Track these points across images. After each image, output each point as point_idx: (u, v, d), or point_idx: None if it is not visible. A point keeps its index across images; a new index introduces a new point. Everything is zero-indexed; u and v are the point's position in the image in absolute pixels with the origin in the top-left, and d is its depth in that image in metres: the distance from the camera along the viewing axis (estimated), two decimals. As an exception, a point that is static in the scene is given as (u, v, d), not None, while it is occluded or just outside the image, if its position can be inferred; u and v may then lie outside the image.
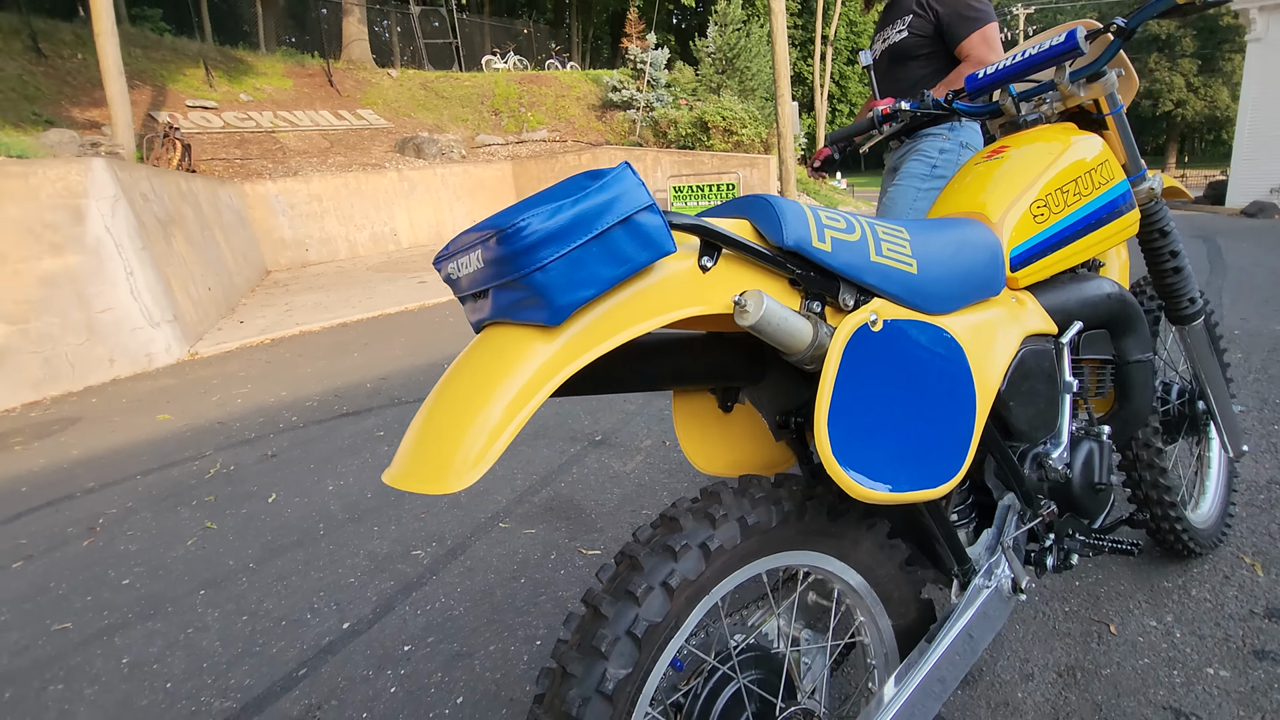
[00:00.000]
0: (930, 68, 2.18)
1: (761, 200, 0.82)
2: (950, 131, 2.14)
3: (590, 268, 0.62)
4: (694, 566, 0.77)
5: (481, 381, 0.63)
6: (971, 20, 2.07)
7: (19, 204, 4.86)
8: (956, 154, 2.15)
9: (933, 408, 0.89)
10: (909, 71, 2.20)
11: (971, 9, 2.08)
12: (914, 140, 2.19)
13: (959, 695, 1.39)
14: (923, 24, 2.15)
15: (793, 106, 13.08)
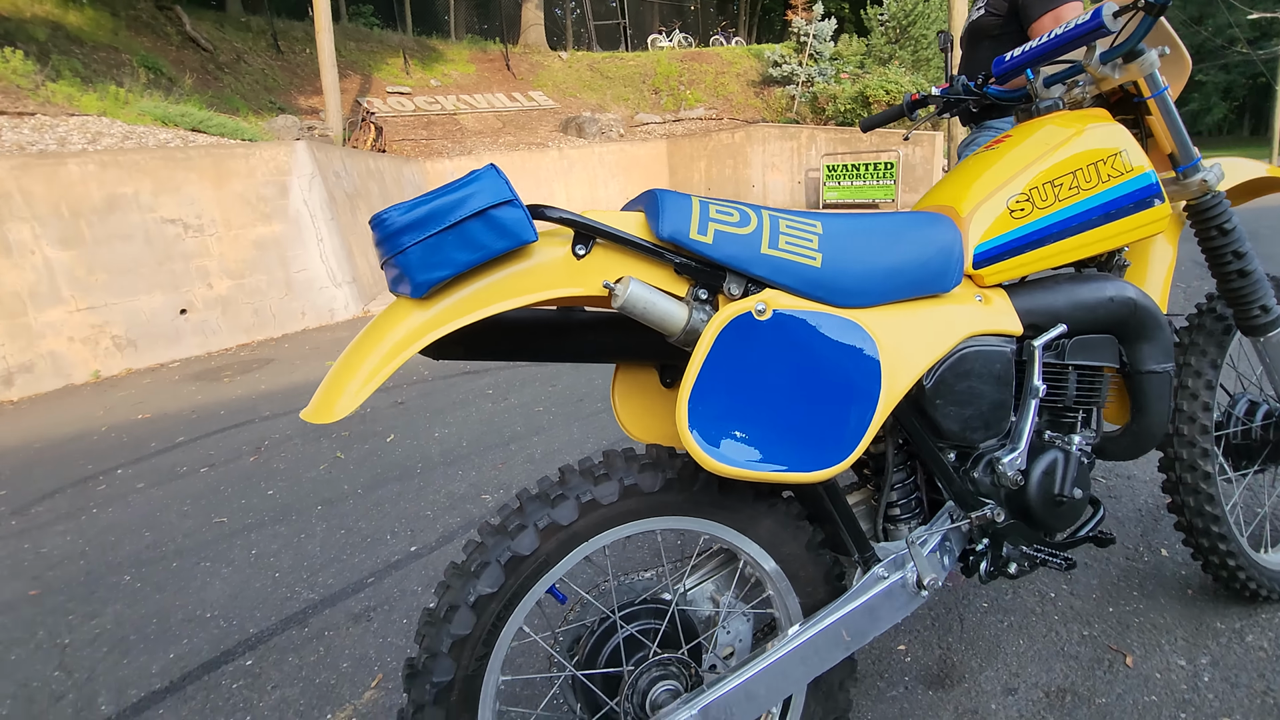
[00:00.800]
0: (1004, 48, 2.00)
1: (653, 195, 0.91)
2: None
3: (445, 252, 0.76)
4: (566, 515, 0.90)
5: (366, 340, 0.79)
6: (1045, 2, 1.91)
7: (241, 180, 5.87)
8: None
9: (821, 397, 0.93)
10: (983, 51, 2.06)
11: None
12: (977, 131, 2.05)
13: (928, 695, 1.37)
14: (999, 2, 2.01)
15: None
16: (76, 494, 2.95)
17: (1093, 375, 1.17)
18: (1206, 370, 1.37)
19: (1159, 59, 1.19)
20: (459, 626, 0.85)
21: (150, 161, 5.41)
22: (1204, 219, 1.27)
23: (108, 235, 5.22)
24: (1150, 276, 1.28)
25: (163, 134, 6.53)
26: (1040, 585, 1.66)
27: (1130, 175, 1.14)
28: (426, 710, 0.84)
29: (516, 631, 0.91)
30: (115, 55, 10.35)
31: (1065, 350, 1.15)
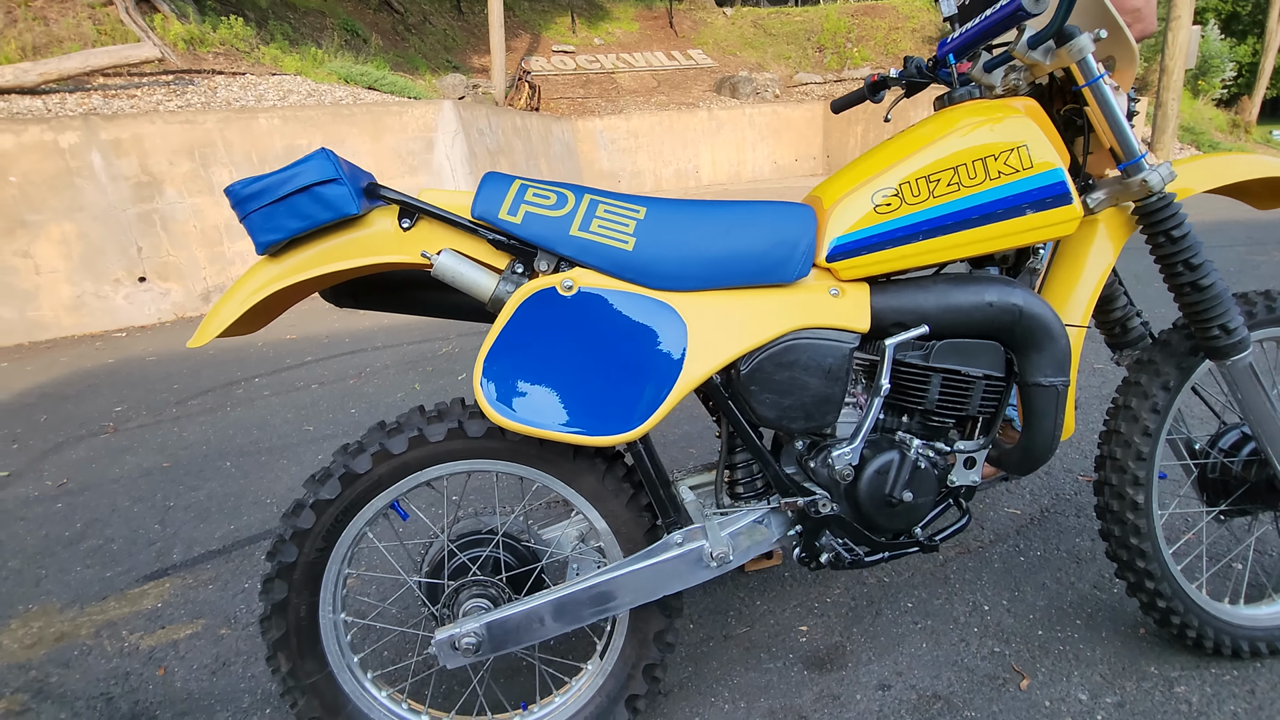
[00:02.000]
0: None
1: (485, 176, 1.03)
2: None
3: (278, 219, 0.94)
4: (397, 446, 1.06)
5: (232, 288, 1.00)
6: None
7: (394, 135, 6.56)
8: None
9: (618, 369, 1.01)
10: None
11: None
12: None
13: (802, 673, 1.41)
14: None
15: (1192, 31, 10.16)
16: (221, 394, 3.63)
17: (963, 381, 1.12)
18: (1156, 392, 1.23)
19: (1093, 44, 1.08)
20: (302, 521, 1.06)
21: (321, 117, 6.21)
22: (1150, 224, 1.15)
23: (285, 181, 6.11)
24: (1078, 283, 1.18)
25: (340, 91, 7.42)
26: (976, 596, 1.60)
27: (1030, 173, 1.07)
28: (274, 582, 1.07)
29: (360, 534, 1.11)
30: (321, 19, 11.72)
31: (932, 353, 1.11)
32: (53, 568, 2.06)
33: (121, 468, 2.77)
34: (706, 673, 1.44)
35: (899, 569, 1.73)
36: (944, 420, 1.14)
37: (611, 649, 1.20)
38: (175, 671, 1.57)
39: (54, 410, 3.62)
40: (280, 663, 1.09)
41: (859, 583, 1.69)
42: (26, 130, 5.17)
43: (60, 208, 5.32)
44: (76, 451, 3.00)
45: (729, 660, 1.47)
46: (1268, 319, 1.24)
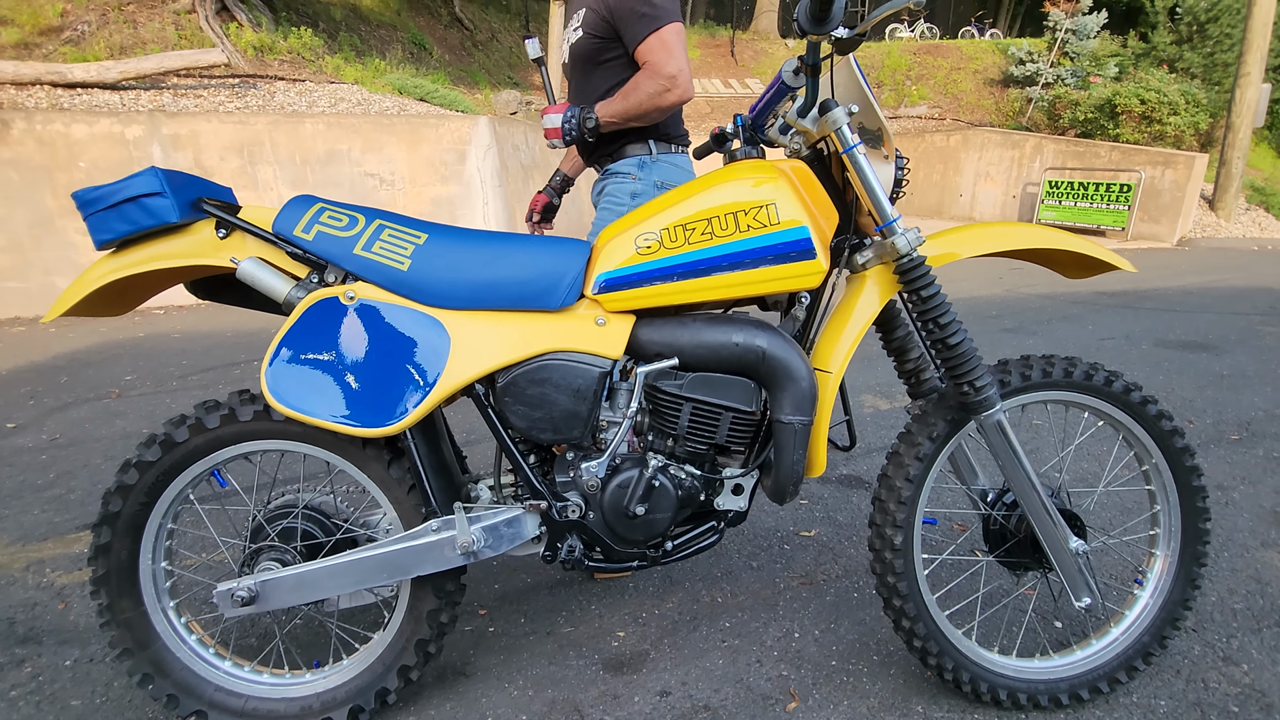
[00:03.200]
0: (619, 74, 1.81)
1: (293, 199, 1.20)
2: (641, 170, 1.87)
3: (110, 223, 1.14)
4: (211, 421, 1.23)
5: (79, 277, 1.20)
6: (647, 19, 1.70)
7: (430, 145, 6.94)
8: (651, 195, 1.87)
9: (386, 371, 1.16)
10: (596, 79, 1.84)
11: (647, 4, 1.70)
12: (604, 178, 1.92)
13: (593, 670, 1.51)
14: (598, 22, 1.77)
15: (1263, 90, 9.74)
16: (220, 373, 3.95)
17: (710, 412, 1.23)
18: (923, 442, 1.31)
19: (848, 116, 1.18)
20: (127, 478, 1.24)
21: (364, 125, 6.64)
22: (905, 283, 1.23)
23: (324, 181, 6.54)
24: (841, 333, 1.27)
25: (388, 102, 7.89)
26: (793, 624, 1.67)
27: (775, 228, 1.18)
28: (101, 528, 1.26)
29: (182, 494, 1.29)
30: (392, 32, 12.42)
31: (685, 384, 1.23)
32: (16, 509, 2.34)
33: (108, 430, 3.08)
34: (514, 662, 1.56)
35: (737, 594, 1.81)
36: (696, 446, 1.25)
37: (393, 623, 1.34)
38: (74, 607, 1.78)
39: (75, 374, 4.01)
40: (101, 597, 1.27)
41: (693, 599, 1.78)
42: (99, 121, 5.72)
43: (120, 193, 5.85)
44: (79, 411, 3.34)
45: (540, 654, 1.59)
46: (1023, 385, 1.30)
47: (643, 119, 1.76)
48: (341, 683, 1.33)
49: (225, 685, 1.33)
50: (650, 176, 1.88)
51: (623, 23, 1.73)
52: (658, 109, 1.74)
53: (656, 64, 1.71)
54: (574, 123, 1.75)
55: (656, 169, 1.88)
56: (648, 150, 1.89)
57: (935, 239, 1.30)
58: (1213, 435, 2.77)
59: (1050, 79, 13.03)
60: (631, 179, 1.87)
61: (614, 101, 1.74)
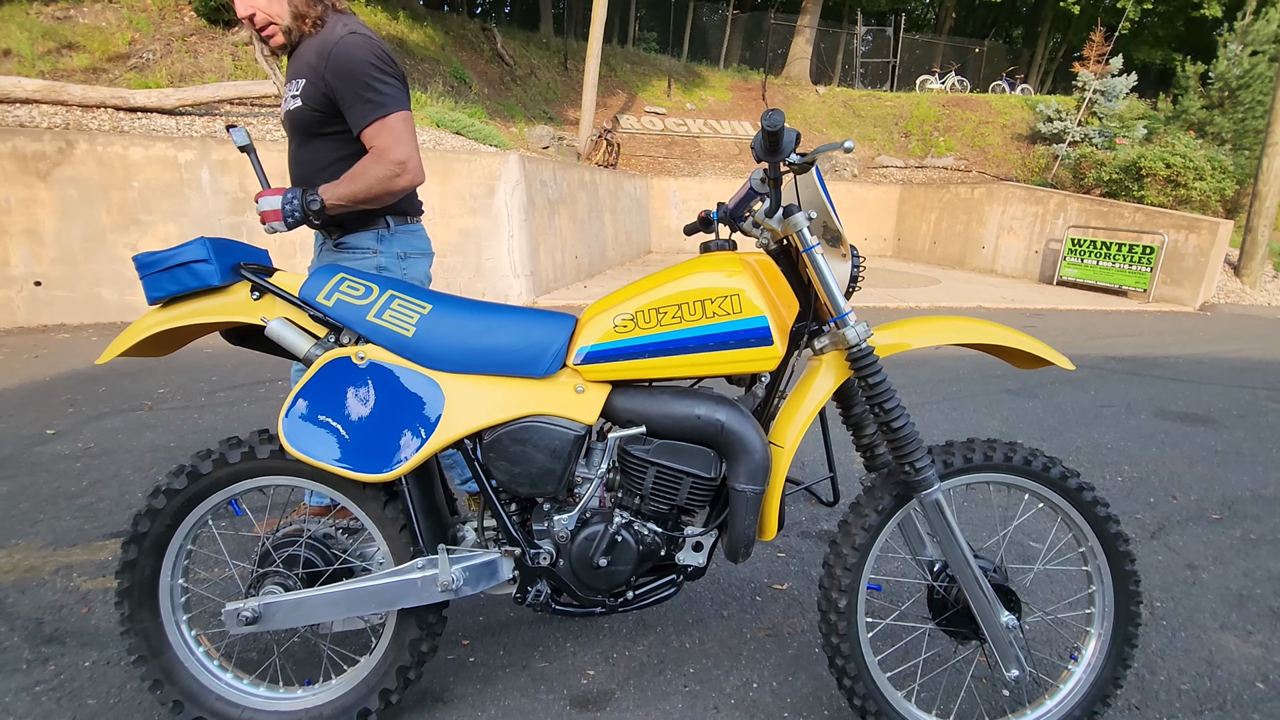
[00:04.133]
0: (342, 152, 1.80)
1: (320, 268, 1.38)
2: (380, 243, 1.90)
3: (162, 283, 1.32)
4: (233, 456, 1.41)
5: (131, 326, 1.38)
6: (372, 105, 1.70)
7: (461, 179, 7.25)
8: (399, 267, 1.93)
9: (387, 424, 1.32)
10: (318, 149, 1.82)
11: (373, 91, 1.70)
12: (336, 250, 1.90)
13: (558, 704, 1.63)
14: (318, 96, 1.74)
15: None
16: (245, 391, 4.17)
17: (673, 475, 1.36)
18: (870, 514, 1.43)
19: (808, 221, 1.34)
20: (155, 502, 1.41)
21: (400, 158, 6.96)
22: (855, 370, 1.37)
23: (358, 209, 6.86)
24: (797, 410, 1.40)
25: (425, 135, 8.24)
26: (754, 675, 1.77)
27: (738, 316, 1.32)
28: (130, 545, 1.42)
29: (202, 520, 1.45)
30: (435, 66, 12.96)
31: (651, 449, 1.37)
32: (50, 514, 2.53)
33: (139, 442, 3.29)
34: (489, 692, 1.69)
35: (705, 641, 1.92)
36: (659, 506, 1.38)
37: (379, 648, 1.48)
38: (95, 612, 1.95)
39: (113, 384, 4.26)
40: (124, 607, 1.43)
41: (663, 643, 1.90)
42: (154, 145, 6.10)
43: (169, 211, 6.20)
44: (113, 422, 3.56)
45: (514, 686, 1.71)
46: (965, 467, 1.42)
47: (373, 203, 1.76)
48: (328, 700, 1.47)
49: (225, 695, 1.47)
50: (391, 249, 1.91)
51: (345, 104, 1.72)
52: (389, 193, 1.75)
53: (384, 149, 1.72)
54: (295, 204, 1.70)
55: (396, 240, 1.92)
56: (384, 224, 1.90)
57: (888, 329, 1.44)
58: (1194, 512, 2.82)
59: (1077, 137, 13.14)
60: (373, 253, 1.89)
61: (340, 185, 1.72)
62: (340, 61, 1.70)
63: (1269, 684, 1.80)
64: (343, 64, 1.70)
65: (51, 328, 5.84)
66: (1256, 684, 1.80)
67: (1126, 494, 3.00)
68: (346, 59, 1.70)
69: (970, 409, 4.17)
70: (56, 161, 5.81)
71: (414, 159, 1.75)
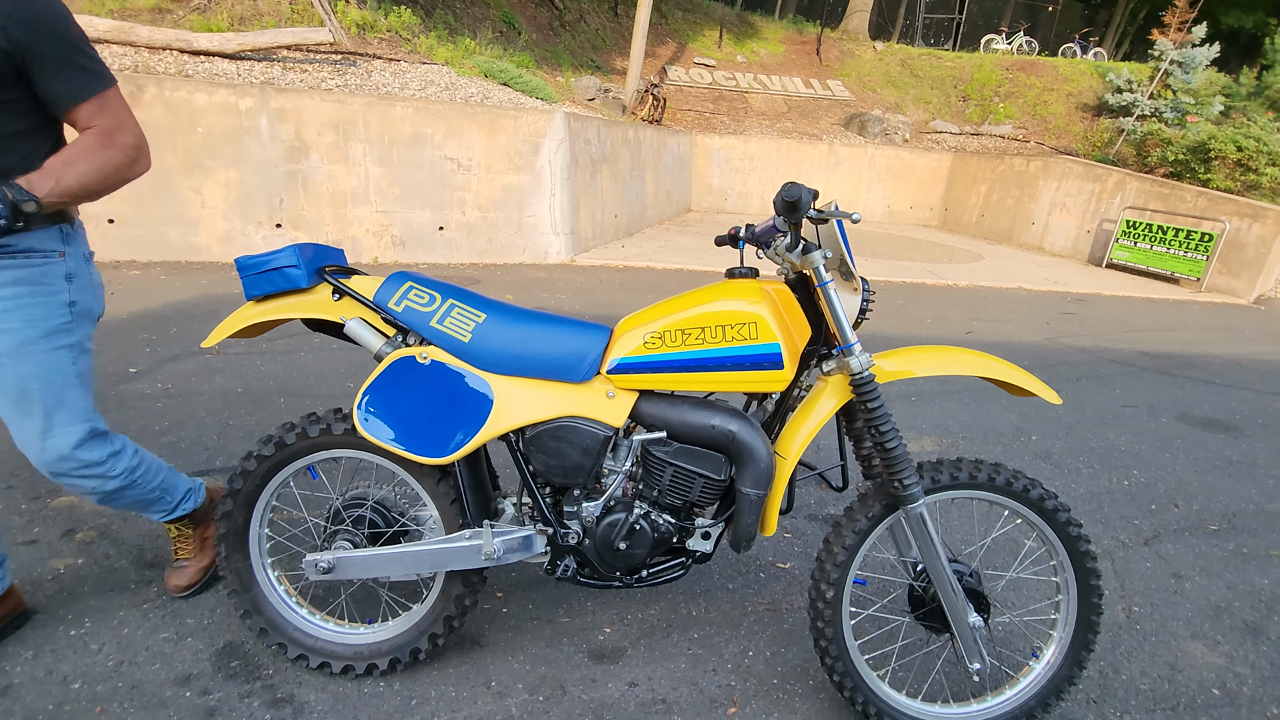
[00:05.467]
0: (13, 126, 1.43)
1: (391, 275, 1.58)
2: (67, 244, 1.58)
3: (258, 284, 1.54)
4: (313, 430, 1.65)
5: (236, 312, 1.61)
6: (90, 76, 1.42)
7: (506, 135, 7.35)
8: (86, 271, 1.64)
9: (444, 415, 1.54)
10: None
11: (86, 57, 1.42)
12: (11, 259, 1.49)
13: (576, 656, 1.89)
14: None
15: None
16: (302, 340, 4.47)
17: (687, 476, 1.56)
18: (860, 519, 1.61)
19: (824, 259, 1.48)
20: (249, 465, 1.67)
21: (448, 111, 7.09)
22: (857, 394, 1.53)
23: (407, 162, 7.04)
24: (801, 425, 1.58)
25: (474, 87, 8.32)
26: (750, 644, 2.00)
27: (754, 341, 1.49)
28: (227, 499, 1.68)
29: (285, 481, 1.70)
30: (484, 9, 12.84)
31: (670, 452, 1.56)
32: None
33: (210, 385, 3.62)
34: (519, 640, 1.95)
35: (710, 610, 2.15)
36: (674, 500, 1.59)
37: (428, 599, 1.74)
38: (186, 543, 2.26)
39: (183, 325, 4.60)
40: (222, 550, 1.71)
41: (672, 610, 2.14)
42: (217, 92, 6.33)
43: (229, 157, 6.47)
44: (186, 364, 3.90)
45: (540, 637, 1.97)
46: (951, 484, 1.58)
47: (102, 195, 1.48)
48: (386, 639, 1.75)
49: (301, 627, 1.76)
50: (78, 249, 1.61)
51: (45, 69, 1.38)
52: (125, 182, 1.51)
53: (111, 131, 1.45)
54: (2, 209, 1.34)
55: (78, 239, 1.61)
56: (68, 220, 1.58)
57: (891, 357, 1.59)
58: (1193, 522, 2.94)
59: (1146, 111, 12.52)
60: (59, 256, 1.55)
61: (56, 175, 1.40)
62: (35, 11, 1.34)
63: (1225, 691, 1.97)
64: (40, 16, 1.35)
65: (124, 263, 6.23)
66: (1213, 690, 1.97)
67: (1130, 499, 3.11)
68: (45, 10, 1.36)
69: (990, 401, 4.27)
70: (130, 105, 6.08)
71: (144, 141, 1.51)
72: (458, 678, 1.79)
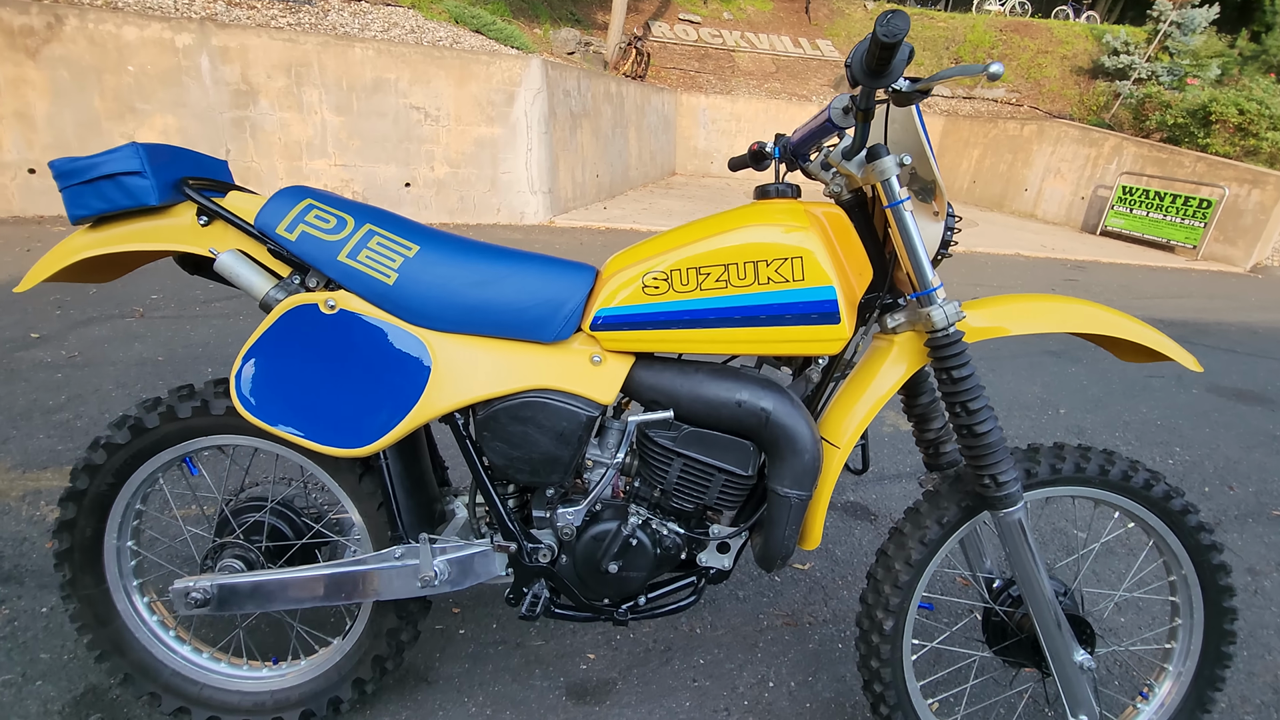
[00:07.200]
0: None
1: (282, 190, 1.11)
2: None
3: (85, 199, 1.06)
4: (184, 411, 1.18)
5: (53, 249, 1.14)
6: None
7: (478, 84, 6.74)
8: None
9: (360, 390, 1.09)
10: None
11: None
12: None
13: (559, 698, 1.48)
14: None
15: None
16: (242, 303, 3.95)
17: (703, 471, 1.13)
18: (930, 524, 1.20)
19: (898, 167, 1.04)
20: (95, 457, 1.21)
21: (414, 55, 6.45)
22: (936, 358, 1.11)
23: (368, 111, 6.42)
24: (856, 402, 1.15)
25: (443, 31, 7.65)
26: (770, 671, 1.61)
27: (799, 285, 1.06)
28: (67, 503, 1.22)
29: (152, 478, 1.25)
30: (456, -46, 11.98)
31: (679, 437, 1.13)
32: (24, 430, 2.37)
33: (126, 353, 3.10)
34: (478, 673, 1.53)
35: (717, 627, 1.75)
36: (683, 504, 1.16)
37: (353, 633, 1.31)
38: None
39: (105, 287, 4.05)
40: (64, 570, 1.25)
41: (670, 627, 1.73)
42: (149, 25, 5.64)
43: (166, 101, 5.81)
44: (100, 329, 3.37)
45: (506, 668, 1.55)
46: (1051, 478, 1.18)
47: None
48: (296, 684, 1.31)
49: (182, 670, 1.32)
50: None
51: None
52: None
53: None
54: None
55: None
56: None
57: (979, 308, 1.16)
58: (1253, 507, 2.60)
59: (1144, 74, 12.15)
60: None
61: None
62: None
63: (1340, 719, 1.62)
64: None
65: (48, 219, 5.60)
66: (1326, 718, 1.62)
67: (1178, 480, 2.76)
68: None
69: (1008, 372, 3.90)
70: (45, 38, 5.39)
71: None
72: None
